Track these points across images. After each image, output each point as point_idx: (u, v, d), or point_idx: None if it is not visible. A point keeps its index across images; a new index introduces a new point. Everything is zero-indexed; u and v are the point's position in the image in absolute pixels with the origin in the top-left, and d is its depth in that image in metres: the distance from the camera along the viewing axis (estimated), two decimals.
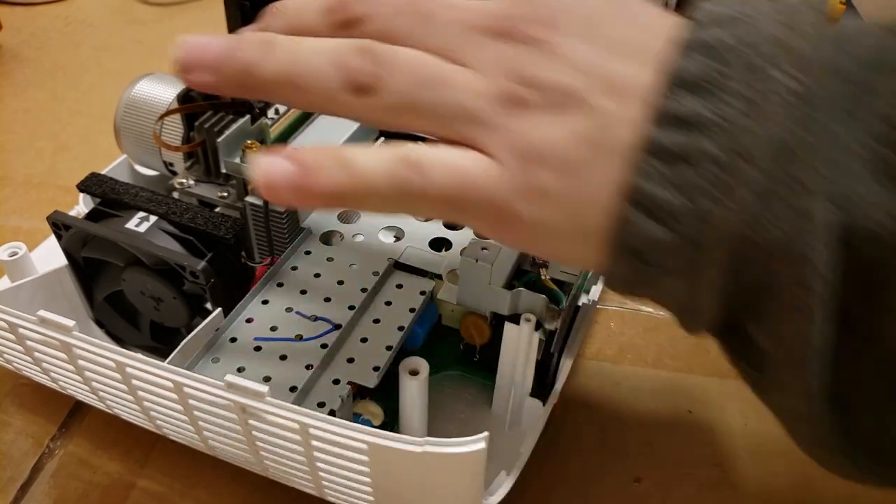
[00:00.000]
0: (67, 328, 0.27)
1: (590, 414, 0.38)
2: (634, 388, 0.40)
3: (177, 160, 0.41)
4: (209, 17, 0.74)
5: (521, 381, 0.33)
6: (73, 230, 0.34)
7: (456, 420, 0.36)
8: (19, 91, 0.62)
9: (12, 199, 0.51)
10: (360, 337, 0.32)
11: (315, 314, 0.33)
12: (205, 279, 0.32)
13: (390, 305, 0.34)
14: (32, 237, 0.44)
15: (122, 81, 0.43)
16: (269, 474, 0.31)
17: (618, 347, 0.42)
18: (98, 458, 0.35)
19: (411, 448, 0.24)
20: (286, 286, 0.34)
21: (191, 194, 0.39)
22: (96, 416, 0.37)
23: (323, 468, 0.27)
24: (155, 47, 0.70)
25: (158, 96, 0.41)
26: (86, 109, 0.60)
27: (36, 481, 0.34)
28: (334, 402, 0.29)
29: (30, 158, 0.55)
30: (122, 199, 0.35)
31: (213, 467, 0.34)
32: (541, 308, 0.32)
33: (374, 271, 0.35)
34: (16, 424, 0.37)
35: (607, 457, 0.36)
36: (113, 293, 0.36)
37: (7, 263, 0.35)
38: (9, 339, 0.30)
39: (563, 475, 0.36)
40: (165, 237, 0.34)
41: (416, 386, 0.28)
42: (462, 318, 0.35)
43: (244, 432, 0.27)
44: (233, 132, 0.37)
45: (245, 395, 0.25)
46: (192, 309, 0.34)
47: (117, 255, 0.34)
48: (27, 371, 0.34)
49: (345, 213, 0.38)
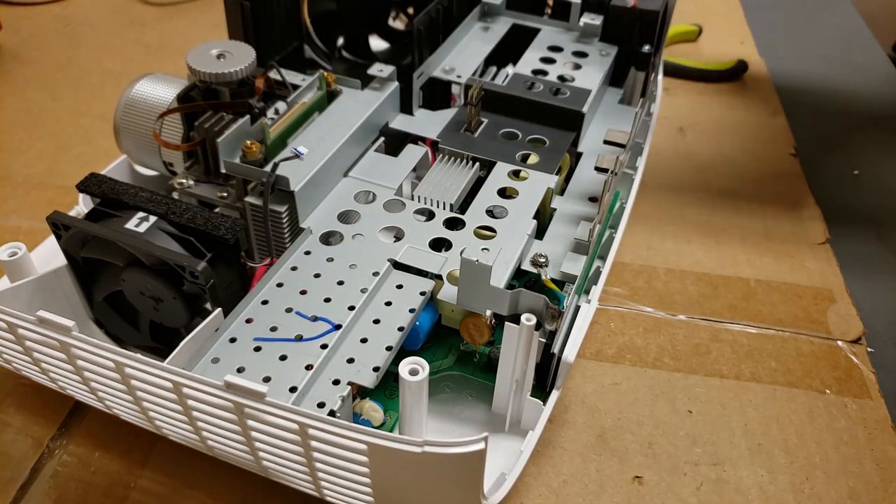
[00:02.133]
0: (67, 328, 0.27)
1: (590, 414, 0.38)
2: (634, 388, 0.40)
3: (176, 160, 0.41)
4: (209, 17, 0.74)
5: (521, 381, 0.33)
6: (73, 230, 0.34)
7: (456, 420, 0.36)
8: (19, 91, 0.62)
9: (12, 199, 0.51)
10: (360, 337, 0.32)
11: (315, 314, 0.33)
12: (205, 279, 0.32)
13: (390, 305, 0.33)
14: (32, 237, 0.44)
15: (122, 81, 0.43)
16: (268, 475, 0.31)
17: (618, 347, 0.42)
18: (98, 458, 0.35)
19: (411, 448, 0.24)
20: (286, 286, 0.34)
21: (190, 194, 0.39)
22: (96, 416, 0.37)
23: (322, 469, 0.27)
24: (155, 47, 0.70)
25: (158, 96, 0.41)
26: (86, 109, 0.60)
27: (36, 481, 0.34)
28: (334, 402, 0.29)
29: (30, 158, 0.55)
30: (122, 199, 0.35)
31: (213, 468, 0.34)
32: (541, 308, 0.32)
33: (374, 271, 0.34)
34: (16, 424, 0.37)
35: (607, 457, 0.36)
36: (112, 293, 0.36)
37: (7, 263, 0.35)
38: (8, 340, 0.30)
39: (563, 475, 0.36)
40: (165, 237, 0.34)
41: (416, 386, 0.28)
42: (462, 318, 0.35)
43: (243, 433, 0.27)
44: (232, 132, 0.37)
45: (244, 395, 0.25)
46: (191, 309, 0.34)
47: (117, 255, 0.34)
48: (27, 371, 0.34)
49: (345, 213, 0.38)
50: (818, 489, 0.36)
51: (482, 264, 0.31)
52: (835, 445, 0.37)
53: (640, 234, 0.50)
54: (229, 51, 0.40)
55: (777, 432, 0.38)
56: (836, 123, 0.63)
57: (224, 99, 0.39)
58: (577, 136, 0.44)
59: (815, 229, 0.51)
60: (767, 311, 0.45)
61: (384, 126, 0.44)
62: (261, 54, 0.42)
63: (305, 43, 0.49)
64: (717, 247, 0.49)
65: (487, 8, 0.53)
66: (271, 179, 0.36)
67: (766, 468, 0.36)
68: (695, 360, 0.42)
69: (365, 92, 0.44)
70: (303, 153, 0.38)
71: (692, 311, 0.45)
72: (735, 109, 0.64)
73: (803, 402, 0.40)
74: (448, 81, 0.47)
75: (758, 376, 0.41)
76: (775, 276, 0.47)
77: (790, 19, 0.79)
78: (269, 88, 0.41)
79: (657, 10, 0.48)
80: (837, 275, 0.47)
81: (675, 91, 0.66)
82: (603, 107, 0.48)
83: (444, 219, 0.38)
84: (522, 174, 0.40)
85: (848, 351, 0.42)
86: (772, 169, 0.57)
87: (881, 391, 0.40)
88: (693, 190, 0.54)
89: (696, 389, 0.40)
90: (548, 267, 0.36)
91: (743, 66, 0.68)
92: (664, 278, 0.47)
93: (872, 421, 0.39)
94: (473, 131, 0.43)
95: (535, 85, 0.45)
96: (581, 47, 0.50)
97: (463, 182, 0.40)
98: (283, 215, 0.36)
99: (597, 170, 0.42)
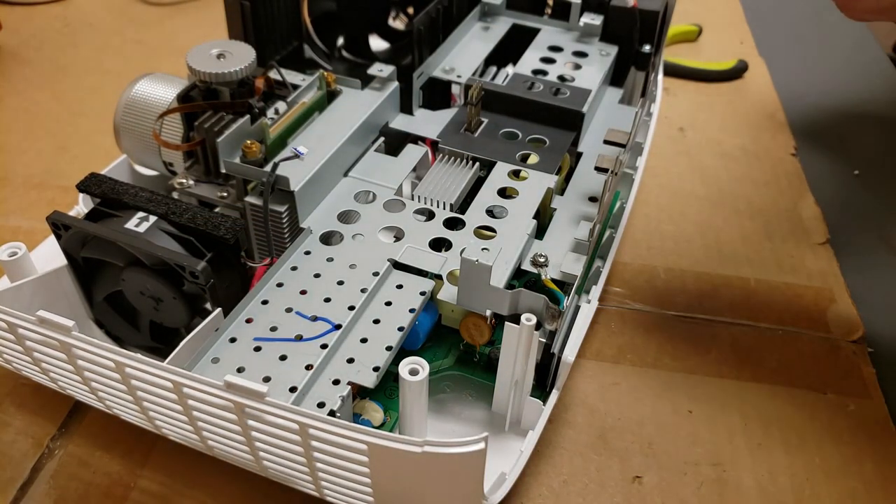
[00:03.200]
0: (67, 328, 0.27)
1: (590, 414, 0.38)
2: (634, 388, 0.40)
3: (176, 160, 0.41)
4: (209, 17, 0.74)
5: (521, 381, 0.33)
6: (73, 230, 0.34)
7: (456, 420, 0.36)
8: (19, 91, 0.62)
9: (12, 199, 0.51)
10: (360, 337, 0.32)
11: (315, 314, 0.33)
12: (204, 279, 0.32)
13: (390, 305, 0.33)
14: (32, 237, 0.44)
15: (122, 81, 0.43)
16: (268, 475, 0.31)
17: (618, 347, 0.42)
18: (98, 458, 0.35)
19: (411, 448, 0.24)
20: (286, 286, 0.34)
21: (190, 194, 0.39)
22: (96, 416, 0.37)
23: (322, 469, 0.27)
24: (155, 47, 0.70)
25: (158, 96, 0.41)
26: (86, 109, 0.60)
27: (36, 481, 0.34)
28: (334, 402, 0.29)
29: (30, 158, 0.55)
30: (122, 199, 0.35)
31: (213, 467, 0.34)
32: (541, 308, 0.32)
33: (374, 271, 0.34)
34: (16, 424, 0.37)
35: (607, 457, 0.36)
36: (112, 293, 0.36)
37: (7, 263, 0.35)
38: (8, 340, 0.30)
39: (563, 475, 0.36)
40: (165, 237, 0.34)
41: (416, 386, 0.28)
42: (462, 318, 0.35)
43: (243, 433, 0.27)
44: (232, 132, 0.37)
45: (244, 395, 0.25)
46: (191, 309, 0.34)
47: (117, 255, 0.34)
48: (27, 371, 0.34)
49: (345, 213, 0.38)
50: (818, 489, 0.36)
51: (482, 264, 0.31)
52: (835, 445, 0.37)
53: (640, 234, 0.50)
54: (229, 51, 0.40)
55: (777, 432, 0.38)
56: (836, 123, 0.63)
57: (224, 99, 0.39)
58: (577, 136, 0.44)
59: (815, 229, 0.51)
60: (767, 311, 0.45)
61: (384, 126, 0.44)
62: (261, 54, 0.42)
63: (305, 43, 0.49)
64: (717, 247, 0.49)
65: (487, 8, 0.53)
66: (271, 179, 0.36)
67: (766, 468, 0.36)
68: (695, 360, 0.42)
69: (365, 92, 0.44)
70: (303, 153, 0.38)
71: (692, 311, 0.45)
72: (735, 109, 0.64)
73: (803, 402, 0.40)
74: (448, 81, 0.47)
75: (758, 376, 0.41)
76: (775, 275, 0.47)
77: (790, 19, 0.79)
78: (269, 88, 0.41)
79: (657, 10, 0.48)
80: (837, 275, 0.47)
81: (675, 91, 0.66)
82: (603, 107, 0.48)
83: (444, 219, 0.38)
84: (522, 174, 0.40)
85: (848, 351, 0.42)
86: (772, 169, 0.57)
87: (881, 391, 0.40)
88: (693, 190, 0.54)
89: (696, 389, 0.40)
90: (548, 267, 0.36)
91: (743, 66, 0.68)
92: (664, 278, 0.47)
93: (872, 421, 0.39)
94: (473, 131, 0.43)
95: (535, 85, 0.45)
96: (581, 47, 0.50)
97: (463, 182, 0.40)
98: (283, 215, 0.36)
99: (597, 170, 0.42)
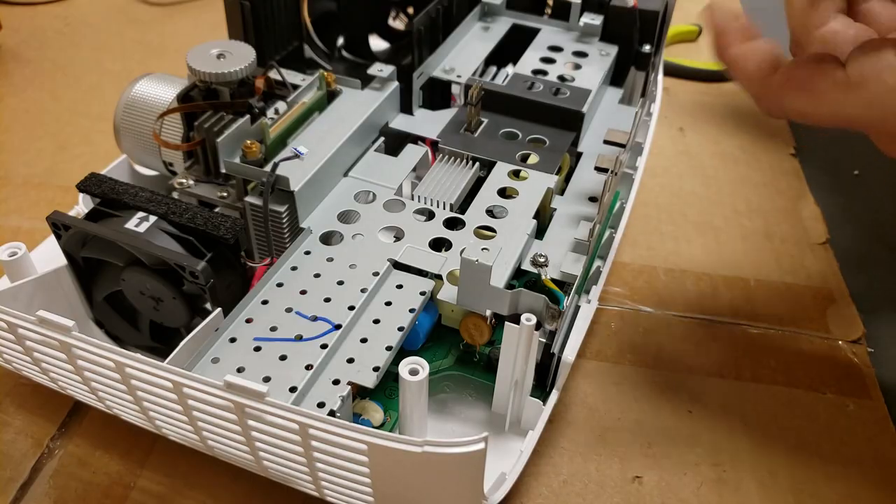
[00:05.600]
0: (67, 328, 0.27)
1: (590, 414, 0.38)
2: (634, 388, 0.40)
3: (176, 160, 0.41)
4: (209, 17, 0.74)
5: (521, 381, 0.33)
6: (73, 230, 0.34)
7: (456, 420, 0.36)
8: (19, 91, 0.62)
9: (12, 199, 0.51)
10: (360, 337, 0.32)
11: (315, 314, 0.33)
12: (204, 279, 0.32)
13: (390, 305, 0.33)
14: (32, 237, 0.44)
15: (122, 81, 0.43)
16: (268, 475, 0.31)
17: (618, 347, 0.42)
18: (97, 458, 0.35)
19: (411, 448, 0.24)
20: (286, 286, 0.34)
21: (190, 194, 0.39)
22: (96, 416, 0.37)
23: (323, 469, 0.27)
24: (155, 47, 0.70)
25: (158, 96, 0.41)
26: (86, 109, 0.60)
27: (35, 481, 0.34)
28: (334, 402, 0.29)
29: (30, 158, 0.55)
30: (122, 199, 0.35)
31: (213, 467, 0.34)
32: (541, 308, 0.32)
33: (374, 271, 0.34)
34: (16, 424, 0.37)
35: (607, 457, 0.36)
36: (112, 293, 0.36)
37: (7, 263, 0.35)
38: (8, 340, 0.30)
39: (563, 475, 0.36)
40: (165, 237, 0.34)
41: (416, 386, 0.28)
42: (462, 318, 0.35)
43: (244, 433, 0.27)
44: (232, 132, 0.37)
45: (244, 395, 0.25)
46: (191, 309, 0.34)
47: (117, 255, 0.34)
48: (27, 371, 0.34)
49: (345, 213, 0.38)
50: (818, 489, 0.35)
51: (482, 264, 0.31)
52: (835, 445, 0.37)
53: (640, 234, 0.50)
54: (229, 51, 0.40)
55: (777, 432, 0.38)
56: None
57: (224, 99, 0.39)
58: (577, 136, 0.44)
59: (815, 229, 0.51)
60: (767, 311, 0.45)
61: (384, 126, 0.44)
62: (261, 54, 0.42)
63: (305, 43, 0.49)
64: (717, 247, 0.49)
65: (487, 8, 0.53)
66: (271, 179, 0.36)
67: (766, 468, 0.36)
68: (695, 360, 0.42)
69: (365, 92, 0.44)
70: (303, 153, 0.38)
71: (692, 311, 0.45)
72: (735, 109, 0.64)
73: (803, 402, 0.40)
74: (448, 81, 0.47)
75: (758, 376, 0.41)
76: (775, 276, 0.47)
77: None
78: (269, 88, 0.41)
79: (657, 10, 0.48)
80: (837, 275, 0.47)
81: (675, 91, 0.66)
82: (603, 107, 0.48)
83: (444, 219, 0.38)
84: (522, 174, 0.40)
85: (848, 351, 0.42)
86: (771, 169, 0.57)
87: (881, 391, 0.40)
88: (693, 190, 0.54)
89: (696, 389, 0.40)
90: (548, 267, 0.36)
91: None
92: (664, 278, 0.47)
93: (872, 421, 0.39)
94: (473, 131, 0.43)
95: (535, 85, 0.45)
96: (581, 47, 0.50)
97: (463, 182, 0.40)
98: (283, 215, 0.36)
99: (597, 170, 0.42)
